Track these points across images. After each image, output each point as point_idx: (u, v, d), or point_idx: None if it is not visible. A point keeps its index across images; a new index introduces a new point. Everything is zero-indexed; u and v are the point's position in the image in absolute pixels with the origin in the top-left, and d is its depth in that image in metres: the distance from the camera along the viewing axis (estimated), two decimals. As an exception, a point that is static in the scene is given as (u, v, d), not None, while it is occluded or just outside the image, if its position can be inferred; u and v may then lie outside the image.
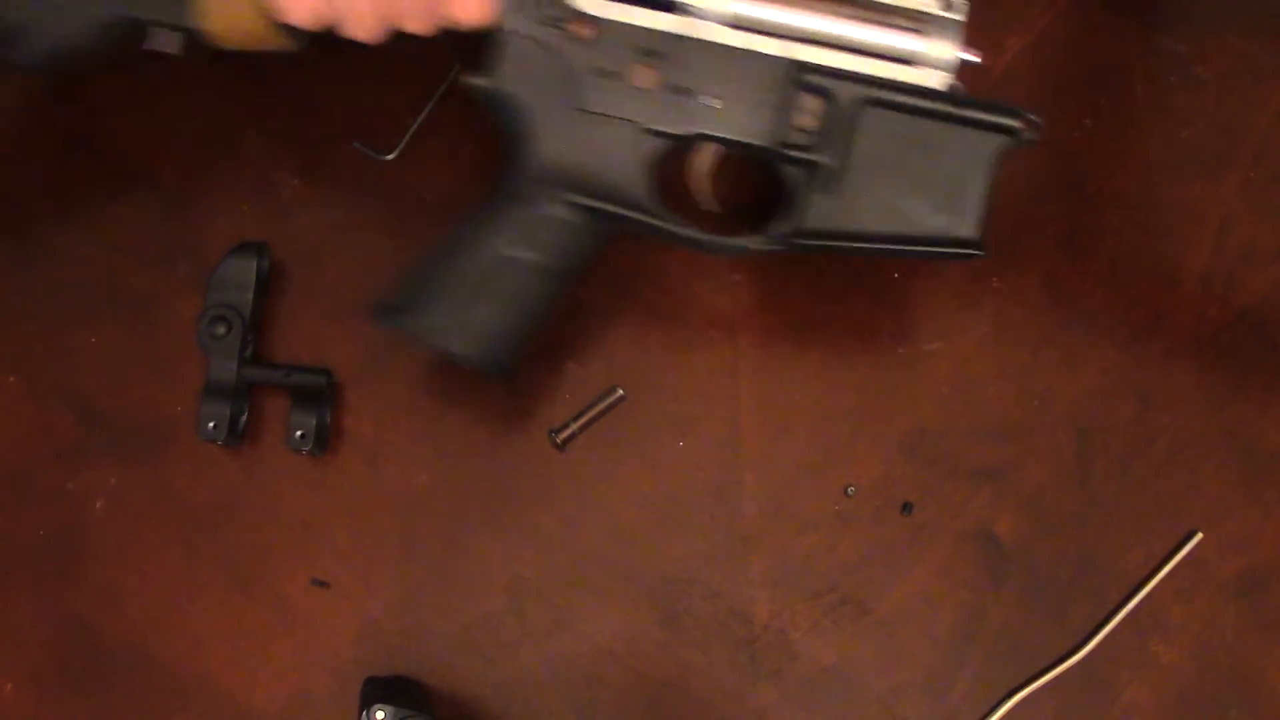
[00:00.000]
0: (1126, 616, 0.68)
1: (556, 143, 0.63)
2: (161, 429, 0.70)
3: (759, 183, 0.70)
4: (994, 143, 0.63)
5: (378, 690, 0.65)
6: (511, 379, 0.59)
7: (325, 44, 0.63)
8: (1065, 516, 0.70)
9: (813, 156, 0.63)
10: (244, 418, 0.69)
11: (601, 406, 0.70)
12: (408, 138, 0.73)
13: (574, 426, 0.70)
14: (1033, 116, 0.63)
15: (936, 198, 0.63)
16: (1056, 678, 0.68)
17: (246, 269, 0.69)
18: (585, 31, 0.63)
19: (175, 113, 0.74)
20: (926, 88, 0.63)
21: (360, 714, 0.63)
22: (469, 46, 0.64)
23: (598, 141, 0.63)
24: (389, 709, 0.62)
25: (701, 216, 0.66)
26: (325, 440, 0.69)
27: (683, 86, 0.63)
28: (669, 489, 0.70)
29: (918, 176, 0.63)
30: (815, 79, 0.63)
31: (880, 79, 0.63)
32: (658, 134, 0.63)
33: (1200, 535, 0.69)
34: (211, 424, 0.67)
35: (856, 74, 0.63)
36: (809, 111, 0.63)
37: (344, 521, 0.69)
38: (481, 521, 0.69)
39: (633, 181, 0.63)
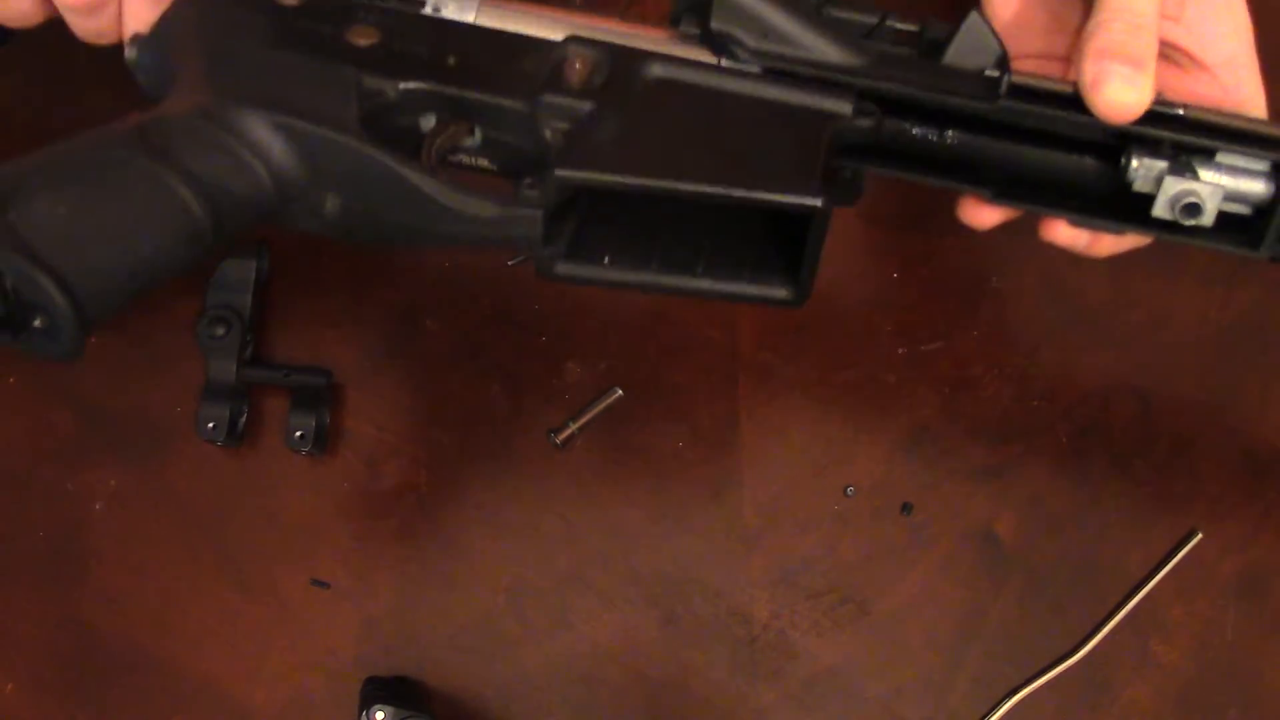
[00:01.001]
0: (1126, 616, 0.68)
1: (248, 73, 0.52)
2: (161, 429, 0.70)
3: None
4: (823, 123, 0.54)
5: (378, 690, 0.65)
6: (74, 360, 0.46)
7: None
8: (1065, 516, 0.70)
9: (577, 104, 0.53)
10: (243, 418, 0.69)
11: (601, 406, 0.70)
12: (407, 138, 0.73)
13: (574, 427, 0.70)
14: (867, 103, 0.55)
15: (752, 163, 0.53)
16: (1056, 678, 0.68)
17: (246, 269, 0.69)
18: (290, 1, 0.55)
19: (175, 113, 0.74)
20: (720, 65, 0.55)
21: (360, 714, 0.63)
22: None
23: (303, 75, 0.53)
24: (389, 709, 0.62)
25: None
26: (325, 441, 0.69)
27: (411, 50, 0.55)
28: (669, 489, 0.70)
29: (725, 141, 0.54)
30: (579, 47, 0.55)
31: (661, 54, 0.55)
32: (375, 83, 0.53)
33: (1200, 535, 0.69)
34: (211, 424, 0.67)
35: (630, 48, 0.55)
36: (577, 66, 0.54)
37: (344, 521, 0.69)
38: (481, 521, 0.69)
39: (345, 113, 0.52)
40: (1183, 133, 0.54)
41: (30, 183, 0.45)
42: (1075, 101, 0.54)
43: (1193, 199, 0.54)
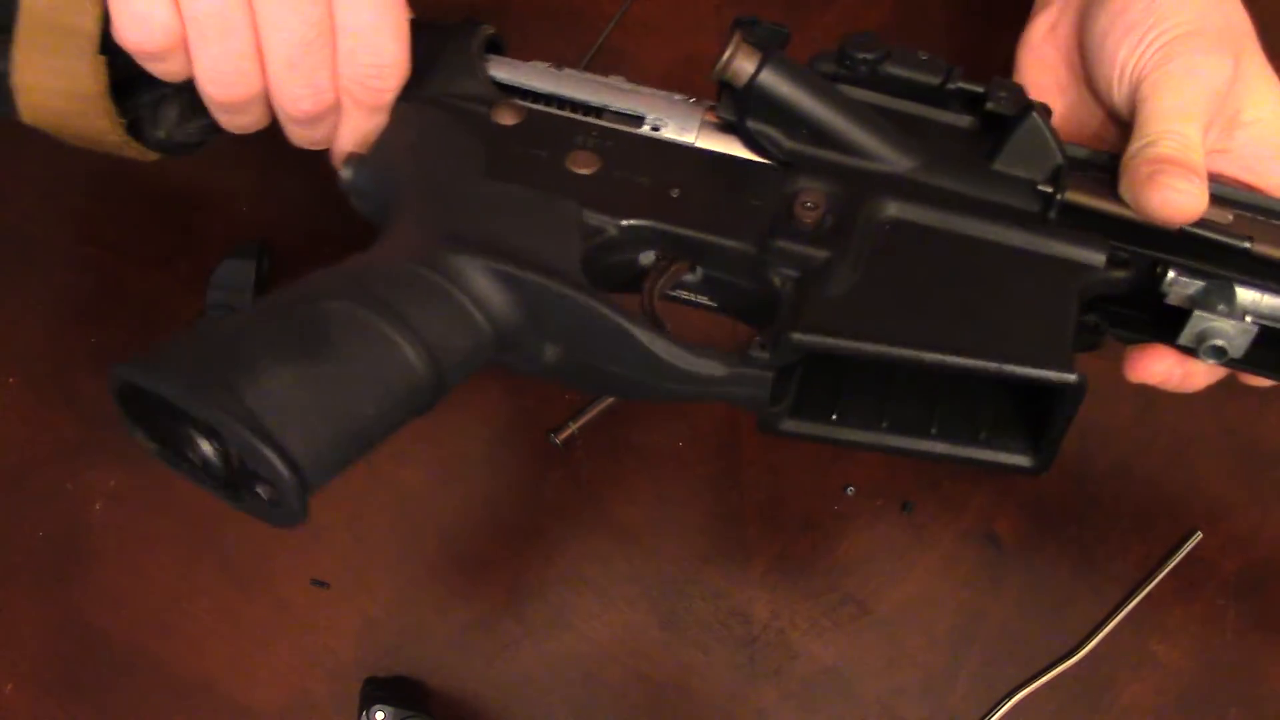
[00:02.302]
0: (1126, 616, 0.68)
1: (467, 210, 0.51)
2: (161, 429, 0.70)
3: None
4: (1075, 275, 0.49)
5: (378, 690, 0.65)
6: (296, 524, 0.44)
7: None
8: (1065, 516, 0.70)
9: (811, 251, 0.49)
10: (244, 418, 0.69)
11: (601, 407, 0.70)
12: (407, 138, 0.73)
13: (574, 427, 0.70)
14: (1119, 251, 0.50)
15: (999, 324, 0.48)
16: (1056, 678, 0.68)
17: (246, 269, 0.69)
18: (509, 119, 0.54)
19: (175, 113, 0.74)
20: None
21: (360, 714, 0.63)
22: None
23: (522, 210, 0.51)
24: (389, 709, 0.62)
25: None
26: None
27: (633, 180, 0.52)
28: (669, 489, 0.70)
29: (969, 296, 0.49)
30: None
31: (895, 180, 0.51)
32: (596, 219, 0.51)
33: (1200, 535, 0.69)
34: (211, 424, 0.67)
35: (863, 173, 0.52)
36: (809, 205, 0.51)
37: (344, 521, 0.69)
38: (481, 521, 0.69)
39: (566, 258, 0.49)
40: (1228, 264, 0.50)
41: (257, 346, 0.44)
42: (1130, 225, 0.51)
43: (1219, 342, 0.50)
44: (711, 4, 0.81)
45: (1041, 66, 0.59)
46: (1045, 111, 0.52)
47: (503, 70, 0.56)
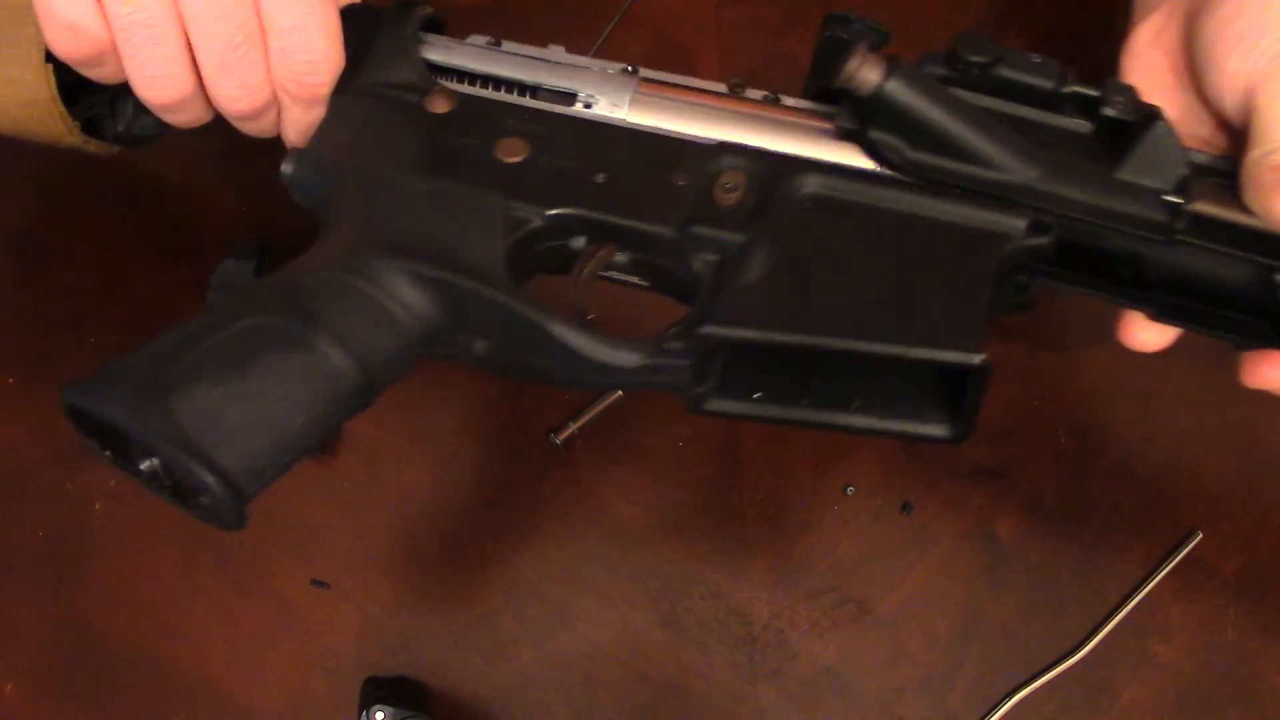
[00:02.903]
0: (1126, 616, 0.68)
1: (394, 208, 0.51)
2: (161, 429, 0.70)
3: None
4: (992, 246, 0.49)
5: (378, 690, 0.65)
6: (237, 530, 0.46)
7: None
8: (1065, 516, 0.70)
9: (727, 236, 0.50)
10: (244, 418, 0.69)
11: (601, 407, 0.70)
12: (407, 138, 0.73)
13: (574, 427, 0.70)
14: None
15: (915, 303, 0.48)
16: (1056, 678, 0.68)
17: (246, 269, 0.69)
18: (441, 106, 0.54)
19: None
20: (878, 173, 0.51)
21: (360, 714, 0.63)
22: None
23: (445, 206, 0.51)
24: (389, 709, 0.62)
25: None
26: (325, 441, 0.69)
27: (560, 165, 0.52)
28: (669, 489, 0.70)
29: (885, 273, 0.49)
30: (734, 159, 0.52)
31: (816, 161, 0.51)
32: (522, 210, 0.51)
33: (1200, 535, 0.69)
34: (211, 424, 0.67)
35: (784, 155, 0.52)
36: (729, 186, 0.51)
37: (344, 522, 0.69)
38: (481, 521, 0.69)
39: (488, 255, 0.50)
40: None
41: (190, 366, 0.46)
42: (1258, 236, 0.50)
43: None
44: (712, 3, 0.81)
45: (1148, 72, 0.57)
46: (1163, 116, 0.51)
47: (438, 52, 0.56)
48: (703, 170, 0.51)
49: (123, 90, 0.56)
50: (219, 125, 0.74)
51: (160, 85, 0.52)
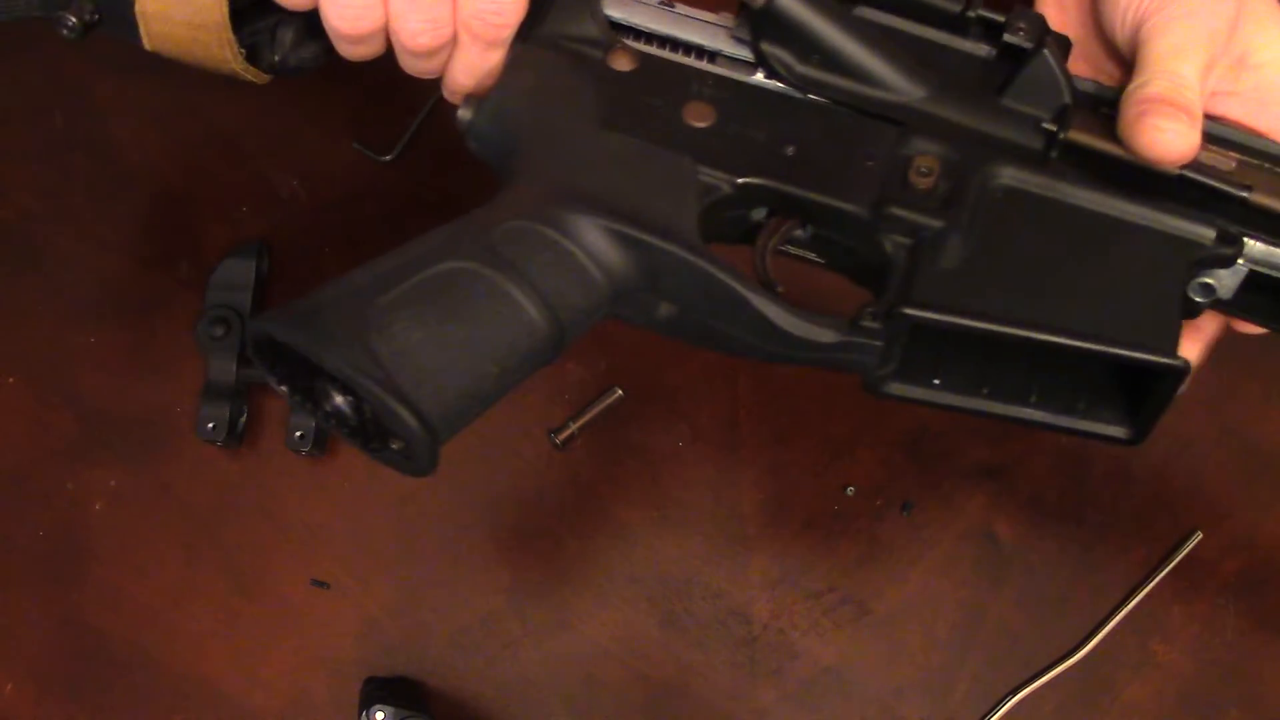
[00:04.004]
0: (1126, 616, 0.68)
1: (585, 163, 0.51)
2: (161, 429, 0.70)
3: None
4: (1182, 251, 0.49)
5: (378, 690, 0.65)
6: (428, 474, 0.47)
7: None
8: (1065, 516, 0.70)
9: (925, 220, 0.49)
10: (243, 418, 0.69)
11: (601, 406, 0.70)
12: (407, 137, 0.73)
13: (574, 427, 0.70)
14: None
15: (1109, 302, 0.48)
16: (1056, 678, 0.68)
17: (246, 269, 0.69)
18: (624, 64, 0.53)
19: (175, 113, 0.74)
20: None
21: (360, 714, 0.63)
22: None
23: (638, 165, 0.50)
24: (389, 709, 0.62)
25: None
26: (324, 441, 0.69)
27: (748, 134, 0.51)
28: (669, 489, 0.70)
29: (1079, 270, 0.49)
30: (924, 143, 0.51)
31: (1007, 150, 0.50)
32: (712, 176, 0.51)
33: (1200, 535, 0.69)
34: (211, 424, 0.67)
35: (976, 143, 0.51)
36: (924, 170, 0.50)
37: (344, 522, 0.69)
38: (481, 522, 0.69)
39: (683, 219, 0.49)
40: (1225, 211, 0.49)
41: (390, 306, 0.45)
42: (1128, 167, 0.50)
43: (1209, 280, 0.50)
44: None
45: (1059, 6, 0.58)
46: (1065, 46, 0.51)
47: (618, 8, 0.55)
48: (894, 152, 0.51)
49: (286, 18, 0.56)
50: (219, 126, 0.75)
51: (354, 16, 0.52)
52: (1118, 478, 0.70)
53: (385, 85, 0.74)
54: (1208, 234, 0.49)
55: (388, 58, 0.55)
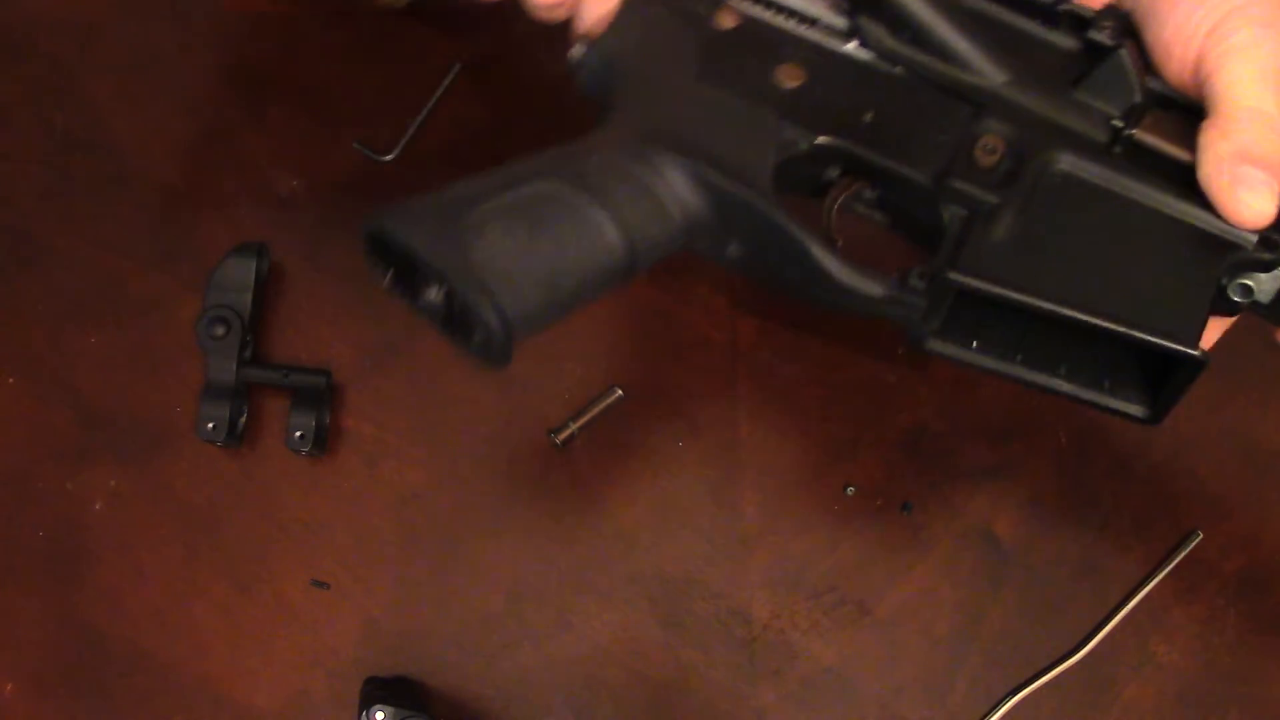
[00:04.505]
0: (1126, 616, 0.68)
1: (678, 110, 0.55)
2: (161, 429, 0.70)
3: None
4: (1222, 251, 0.51)
5: (378, 690, 0.65)
6: (503, 369, 0.51)
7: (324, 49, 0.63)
8: (1065, 516, 0.70)
9: (983, 195, 0.52)
10: (243, 418, 0.69)
11: (601, 406, 0.70)
12: (408, 138, 0.73)
13: (573, 427, 0.70)
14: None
15: (1142, 289, 0.51)
16: (1056, 678, 0.68)
17: (246, 269, 0.69)
18: (727, 22, 0.56)
19: (175, 113, 0.74)
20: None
21: (360, 714, 0.63)
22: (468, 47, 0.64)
23: (726, 116, 0.55)
24: (389, 709, 0.62)
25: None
26: (324, 441, 0.69)
27: (832, 98, 0.55)
28: (669, 489, 0.70)
29: (1119, 257, 0.51)
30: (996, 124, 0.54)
31: (1072, 139, 0.53)
32: (792, 133, 0.54)
33: (1200, 535, 0.69)
34: (210, 424, 0.67)
35: (1043, 128, 0.53)
36: (989, 149, 0.53)
37: (344, 522, 0.69)
38: (481, 522, 0.69)
39: (760, 169, 0.53)
40: None
41: (487, 213, 0.50)
42: (1189, 179, 0.51)
43: (1248, 281, 0.51)
44: None
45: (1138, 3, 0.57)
46: (1142, 46, 0.53)
47: None
48: (965, 128, 0.54)
49: None
50: (219, 126, 0.74)
51: None
52: (1117, 478, 0.70)
53: (385, 85, 0.74)
54: (1250, 238, 0.51)
55: (384, 60, 0.55)
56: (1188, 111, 0.53)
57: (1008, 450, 0.71)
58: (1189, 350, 0.49)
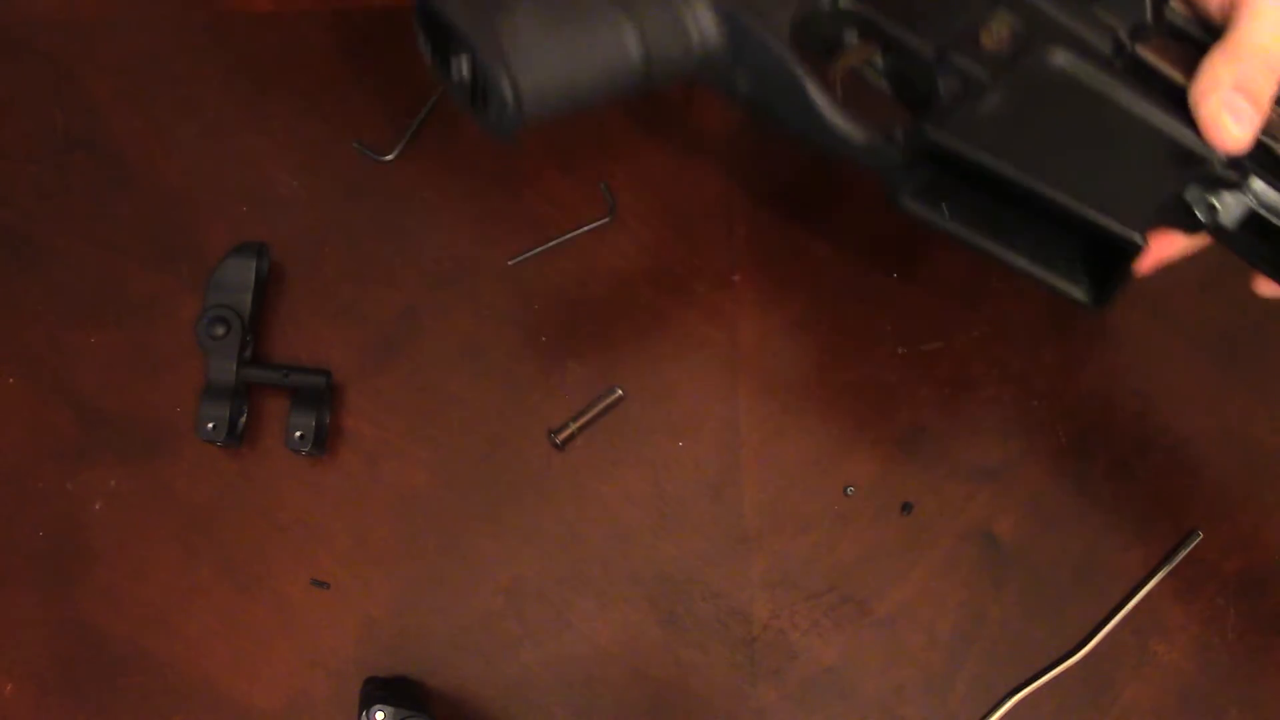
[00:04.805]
0: (1126, 616, 0.68)
1: None
2: (161, 429, 0.70)
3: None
4: (1187, 162, 0.54)
5: (378, 690, 0.65)
6: (511, 142, 0.55)
7: (324, 49, 0.63)
8: (1065, 516, 0.70)
9: (978, 71, 0.56)
10: (243, 418, 0.69)
11: (601, 406, 0.70)
12: (407, 137, 0.73)
13: (573, 427, 0.70)
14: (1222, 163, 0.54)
15: (1104, 181, 0.55)
16: (1056, 678, 0.68)
17: (246, 269, 0.69)
18: None
19: (175, 113, 0.74)
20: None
21: (360, 714, 0.63)
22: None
23: None
24: (389, 709, 0.62)
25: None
26: (324, 441, 0.69)
27: None
28: (669, 489, 0.70)
29: (1091, 150, 0.55)
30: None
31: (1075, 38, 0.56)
32: None
33: (1200, 535, 0.69)
34: (210, 424, 0.67)
35: (1051, 24, 0.57)
36: (995, 33, 0.57)
37: (344, 521, 0.69)
38: (481, 521, 0.69)
39: (780, 15, 0.58)
40: (1254, 157, 0.54)
41: (521, 2, 0.55)
42: (1177, 98, 0.55)
43: (1214, 201, 0.54)
44: None
45: None
46: None
47: None
48: (979, 12, 0.57)
49: None
50: (219, 126, 0.74)
51: None
52: (1118, 478, 0.70)
53: (385, 85, 0.74)
54: (1219, 155, 0.54)
55: (384, 60, 0.55)
56: (1196, 46, 0.56)
57: (1007, 450, 0.71)
58: (1132, 234, 0.53)
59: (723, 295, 0.72)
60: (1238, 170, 0.54)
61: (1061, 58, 0.56)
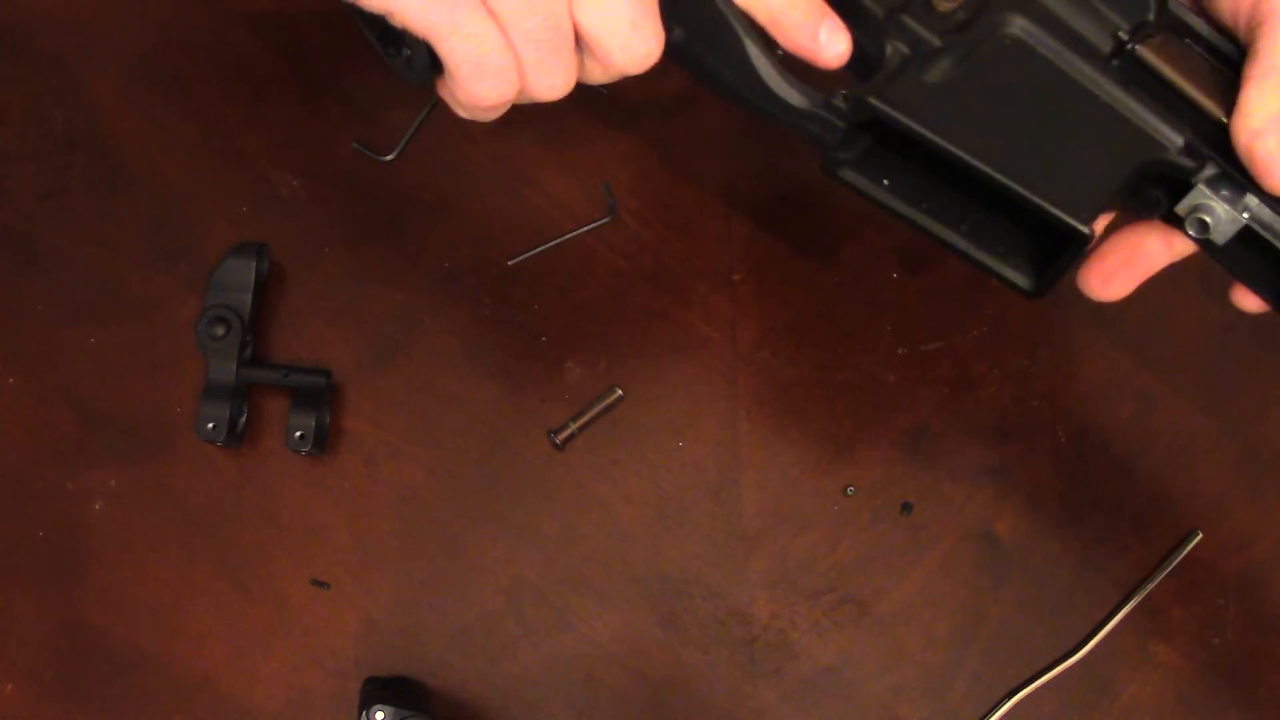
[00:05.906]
0: (1126, 616, 0.68)
1: None
2: (161, 429, 0.70)
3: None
4: (1143, 148, 0.52)
5: (378, 690, 0.65)
6: (419, 86, 0.53)
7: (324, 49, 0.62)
8: (1065, 516, 0.70)
9: (927, 36, 0.53)
10: (243, 418, 0.69)
11: (601, 406, 0.70)
12: (408, 138, 0.73)
13: (573, 427, 0.70)
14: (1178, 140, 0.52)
15: (1053, 163, 0.52)
16: (1056, 678, 0.68)
17: (246, 269, 0.69)
18: None
19: (175, 113, 0.74)
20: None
21: (360, 714, 0.63)
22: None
23: None
24: (389, 709, 0.62)
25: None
26: (324, 441, 0.69)
27: None
28: (669, 489, 0.70)
29: (1041, 128, 0.52)
30: None
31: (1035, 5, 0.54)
32: None
33: (1200, 535, 0.69)
34: (210, 424, 0.67)
35: None
36: None
37: (344, 521, 0.69)
38: (481, 522, 0.69)
39: None
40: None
41: None
42: (1185, 101, 0.53)
43: (1207, 217, 0.52)
44: None
45: None
46: None
47: None
48: None
49: None
50: (219, 126, 0.74)
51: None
52: (1118, 478, 0.70)
53: (385, 85, 0.74)
54: (1176, 140, 0.52)
55: (384, 60, 0.55)
56: (1204, 47, 0.54)
57: (1007, 450, 0.71)
58: (1078, 224, 0.50)
59: (723, 295, 0.72)
60: (1195, 159, 0.52)
61: (1018, 25, 0.53)
